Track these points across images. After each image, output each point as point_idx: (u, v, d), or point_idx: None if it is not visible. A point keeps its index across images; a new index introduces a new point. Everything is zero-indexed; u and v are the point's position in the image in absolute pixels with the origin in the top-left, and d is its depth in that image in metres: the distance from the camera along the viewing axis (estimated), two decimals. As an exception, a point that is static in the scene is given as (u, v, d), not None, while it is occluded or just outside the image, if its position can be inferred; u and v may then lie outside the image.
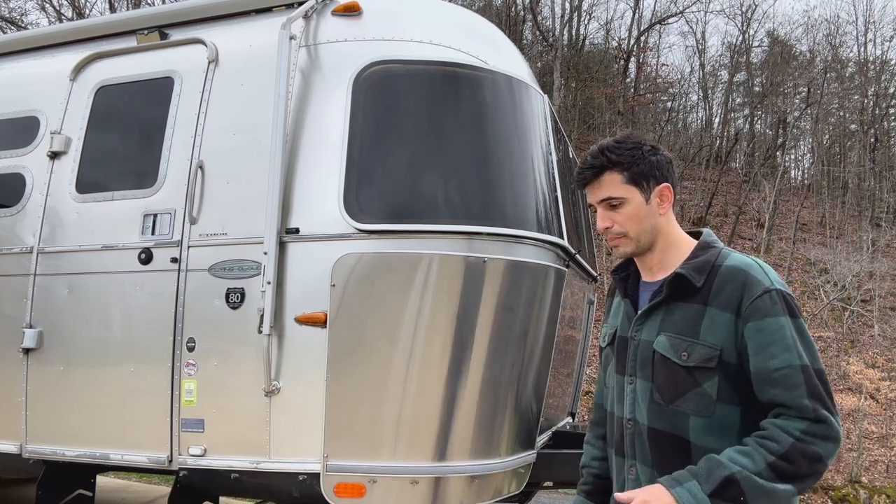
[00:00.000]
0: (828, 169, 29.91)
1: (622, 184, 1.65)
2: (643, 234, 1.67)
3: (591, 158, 1.68)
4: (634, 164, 1.65)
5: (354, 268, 3.10)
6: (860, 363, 19.13)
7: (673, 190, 1.70)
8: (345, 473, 3.03)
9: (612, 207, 1.66)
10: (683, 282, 1.60)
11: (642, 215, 1.66)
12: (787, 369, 1.48)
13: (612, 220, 1.67)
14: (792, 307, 1.55)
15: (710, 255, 1.63)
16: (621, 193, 1.65)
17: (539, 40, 28.00)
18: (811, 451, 1.43)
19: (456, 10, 4.11)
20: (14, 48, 4.23)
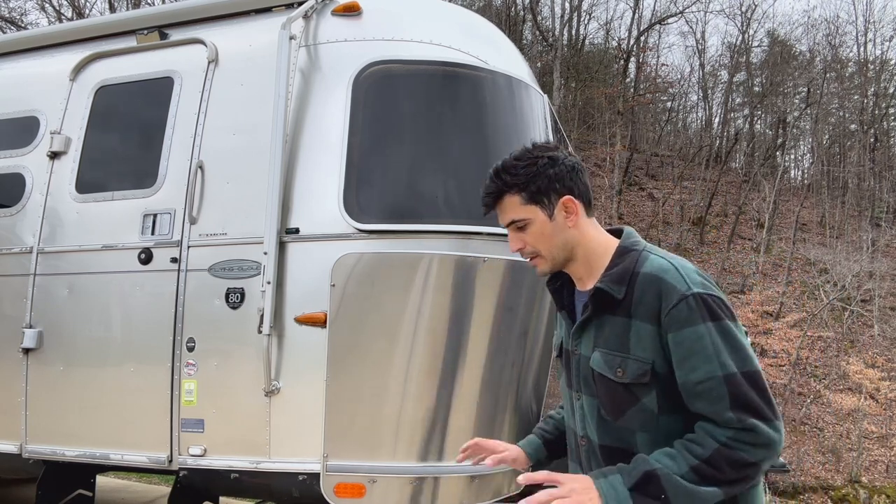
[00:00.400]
0: (828, 169, 29.93)
1: (522, 205, 1.59)
2: (555, 250, 1.61)
3: (488, 182, 1.62)
4: (531, 182, 1.58)
5: (354, 268, 3.10)
6: (860, 363, 19.13)
7: (581, 198, 1.61)
8: (345, 473, 3.03)
9: (520, 229, 1.61)
10: (605, 296, 1.53)
11: (549, 233, 1.60)
12: (709, 381, 1.42)
13: (522, 241, 1.62)
14: (713, 309, 1.46)
15: (628, 263, 1.55)
16: (523, 215, 1.59)
17: (539, 40, 28.02)
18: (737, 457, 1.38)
19: (456, 10, 4.11)
20: (14, 48, 4.23)
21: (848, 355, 19.79)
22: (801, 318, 20.49)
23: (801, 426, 17.67)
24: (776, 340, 19.68)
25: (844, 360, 19.48)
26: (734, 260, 23.88)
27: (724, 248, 24.22)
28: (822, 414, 18.14)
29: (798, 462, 15.90)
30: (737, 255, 24.29)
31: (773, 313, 20.94)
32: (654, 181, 28.23)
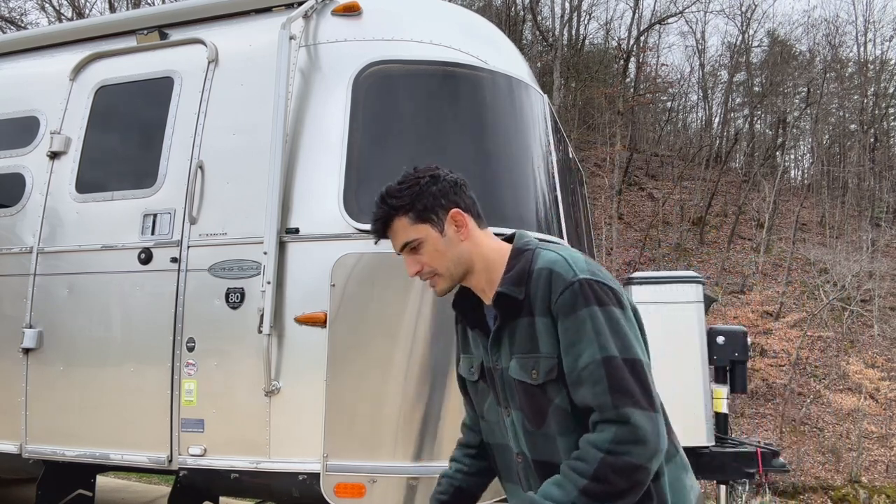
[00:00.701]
0: (827, 169, 29.93)
1: (411, 225, 1.60)
2: (452, 266, 1.61)
3: (375, 210, 1.63)
4: (416, 201, 1.59)
5: (354, 268, 3.10)
6: (860, 363, 19.13)
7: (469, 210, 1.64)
8: (345, 473, 3.03)
9: (414, 250, 1.62)
10: (507, 300, 1.53)
11: (442, 249, 1.60)
12: (591, 365, 1.40)
13: (418, 263, 1.62)
14: (599, 294, 1.45)
15: (523, 262, 1.56)
16: (414, 235, 1.60)
17: (539, 40, 28.02)
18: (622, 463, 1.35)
19: (456, 9, 4.11)
20: (14, 48, 4.23)
21: (848, 355, 19.79)
22: (801, 318, 20.49)
23: (801, 426, 17.68)
24: (776, 340, 19.68)
25: (844, 360, 19.48)
26: (734, 260, 23.88)
27: (724, 248, 24.22)
28: (822, 414, 18.14)
29: (798, 462, 15.90)
30: (737, 255, 24.29)
31: (773, 313, 20.94)
32: (654, 181, 28.23)
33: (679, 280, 3.94)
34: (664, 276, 4.05)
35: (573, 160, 4.82)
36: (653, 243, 23.86)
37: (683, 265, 22.19)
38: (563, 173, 3.79)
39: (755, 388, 17.73)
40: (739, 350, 3.99)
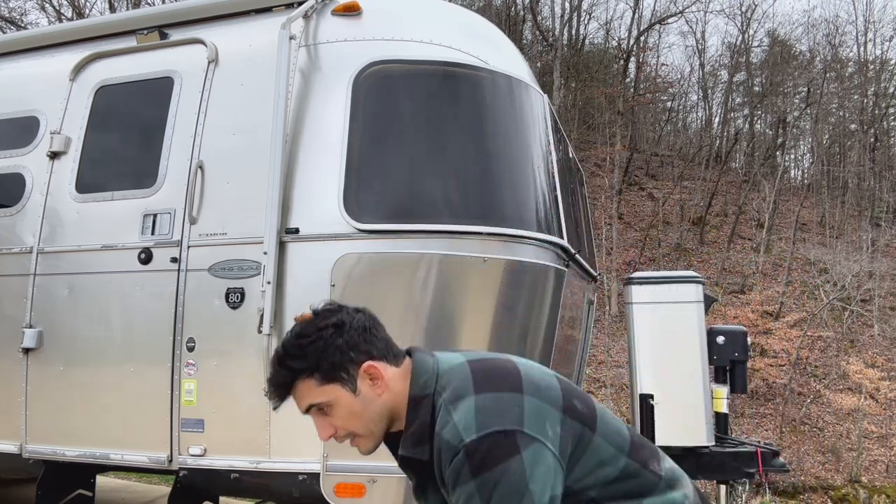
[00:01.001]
0: (827, 169, 29.93)
1: (318, 387, 1.39)
2: (372, 424, 1.41)
3: (273, 374, 1.41)
4: (322, 359, 1.38)
5: (354, 268, 3.10)
6: (860, 363, 19.12)
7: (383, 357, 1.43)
8: (345, 473, 3.03)
9: (322, 412, 1.41)
10: (413, 464, 1.39)
11: (358, 409, 1.40)
12: None
13: (331, 426, 1.42)
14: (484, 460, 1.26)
15: (423, 416, 1.37)
16: (323, 398, 1.39)
17: (539, 40, 28.02)
18: None
19: (456, 9, 4.11)
20: (14, 48, 4.23)
21: (848, 355, 19.79)
22: (801, 317, 20.49)
23: (801, 426, 17.67)
24: (776, 340, 19.68)
25: (844, 360, 19.47)
26: (734, 260, 23.87)
27: (724, 247, 24.22)
28: (822, 414, 18.14)
29: (798, 462, 15.90)
30: (737, 254, 24.28)
31: (773, 313, 20.94)
32: (654, 181, 28.22)
33: (679, 280, 3.94)
34: (664, 276, 4.06)
35: (573, 160, 4.82)
36: (653, 243, 23.86)
37: (683, 265, 22.19)
38: (563, 173, 3.79)
39: (755, 388, 17.73)
40: (739, 350, 3.99)
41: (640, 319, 3.89)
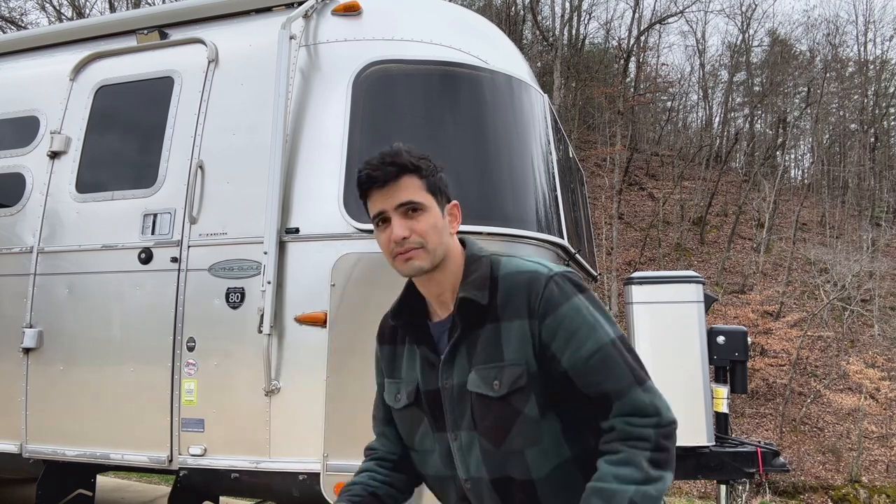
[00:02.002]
0: (828, 168, 29.93)
1: (422, 190, 1.47)
2: (439, 248, 1.47)
3: (388, 157, 1.49)
4: (431, 173, 1.51)
5: (354, 267, 3.10)
6: (860, 363, 19.12)
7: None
8: (345, 473, 3.03)
9: (414, 212, 1.45)
10: (470, 305, 1.45)
11: (439, 226, 1.47)
12: (600, 351, 1.37)
13: (410, 229, 1.44)
14: (579, 284, 1.44)
15: (483, 269, 1.48)
16: (422, 199, 1.46)
17: (539, 40, 28.01)
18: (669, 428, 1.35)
19: (456, 9, 4.11)
20: (14, 48, 4.23)
21: (848, 355, 19.79)
22: (801, 317, 20.48)
23: (801, 426, 17.68)
24: (776, 340, 19.67)
25: (844, 360, 19.47)
26: (734, 260, 23.88)
27: (725, 247, 24.22)
28: (822, 414, 18.14)
29: (798, 462, 15.90)
30: (737, 254, 24.28)
31: (773, 313, 20.94)
32: (655, 181, 28.22)
33: (679, 280, 3.93)
34: (664, 276, 4.05)
35: (573, 160, 4.82)
36: (653, 243, 23.86)
37: (683, 265, 22.19)
38: (563, 173, 3.79)
39: (755, 388, 17.73)
40: (740, 350, 3.99)
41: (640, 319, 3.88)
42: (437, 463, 1.55)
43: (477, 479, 1.48)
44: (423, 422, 1.56)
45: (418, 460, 1.61)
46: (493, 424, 1.43)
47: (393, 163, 1.48)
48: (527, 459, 1.42)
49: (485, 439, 1.45)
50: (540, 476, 1.42)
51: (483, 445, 1.45)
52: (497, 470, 1.45)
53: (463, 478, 1.50)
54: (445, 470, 1.54)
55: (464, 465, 1.49)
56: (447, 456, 1.52)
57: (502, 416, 1.42)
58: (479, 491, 1.49)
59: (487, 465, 1.45)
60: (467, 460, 1.48)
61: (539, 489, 1.43)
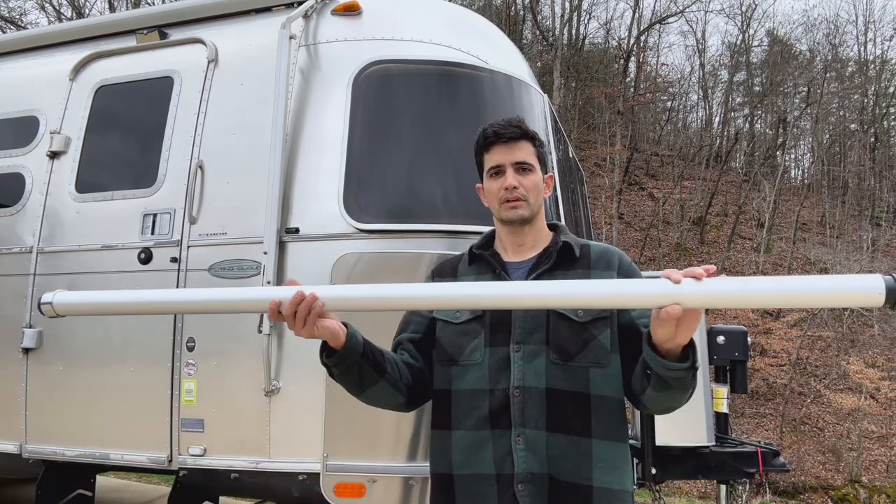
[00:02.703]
0: (828, 168, 29.92)
1: (533, 155, 1.81)
2: (536, 205, 1.80)
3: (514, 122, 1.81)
4: (540, 145, 1.84)
5: (354, 267, 3.09)
6: (860, 363, 19.12)
7: None
8: (345, 473, 3.03)
9: (524, 171, 1.78)
10: (570, 250, 1.78)
11: (540, 188, 1.81)
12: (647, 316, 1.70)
13: (519, 182, 1.78)
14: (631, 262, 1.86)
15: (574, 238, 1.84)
16: (533, 162, 1.80)
17: (539, 40, 28.00)
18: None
19: (456, 9, 4.11)
20: (14, 48, 4.23)
21: (848, 355, 19.79)
22: (801, 317, 20.49)
23: (801, 426, 17.67)
24: (776, 340, 19.68)
25: (844, 360, 19.48)
26: (734, 259, 23.87)
27: (725, 247, 24.22)
28: (822, 414, 18.14)
29: (798, 462, 15.90)
30: (737, 254, 24.28)
31: (774, 313, 20.94)
32: (655, 181, 28.22)
33: (679, 280, 3.93)
34: (664, 276, 4.04)
35: (573, 160, 4.81)
36: (653, 243, 23.86)
37: (683, 265, 22.12)
38: (563, 173, 3.79)
39: (755, 388, 17.73)
40: (740, 350, 3.98)
41: (640, 319, 3.88)
42: (482, 374, 1.71)
43: (530, 388, 1.66)
44: (478, 336, 1.74)
45: (458, 374, 1.75)
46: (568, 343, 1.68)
47: (518, 126, 1.80)
48: (590, 376, 1.67)
49: (555, 353, 1.68)
50: (597, 393, 1.66)
51: (550, 358, 1.68)
52: (559, 381, 1.66)
53: (515, 385, 1.67)
54: (486, 384, 1.70)
55: (521, 373, 1.68)
56: (498, 366, 1.70)
57: (579, 338, 1.68)
58: (527, 398, 1.66)
59: (549, 376, 1.67)
60: (524, 371, 1.68)
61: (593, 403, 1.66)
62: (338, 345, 1.68)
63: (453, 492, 1.71)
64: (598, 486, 1.62)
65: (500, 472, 1.64)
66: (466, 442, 1.70)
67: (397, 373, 1.75)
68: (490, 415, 1.68)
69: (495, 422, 1.67)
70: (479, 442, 1.68)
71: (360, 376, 1.71)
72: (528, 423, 1.64)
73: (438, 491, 1.76)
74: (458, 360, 1.75)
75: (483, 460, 1.67)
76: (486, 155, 1.83)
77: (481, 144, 1.84)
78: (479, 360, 1.72)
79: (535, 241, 1.82)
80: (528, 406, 1.65)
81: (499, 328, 1.72)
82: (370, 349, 1.73)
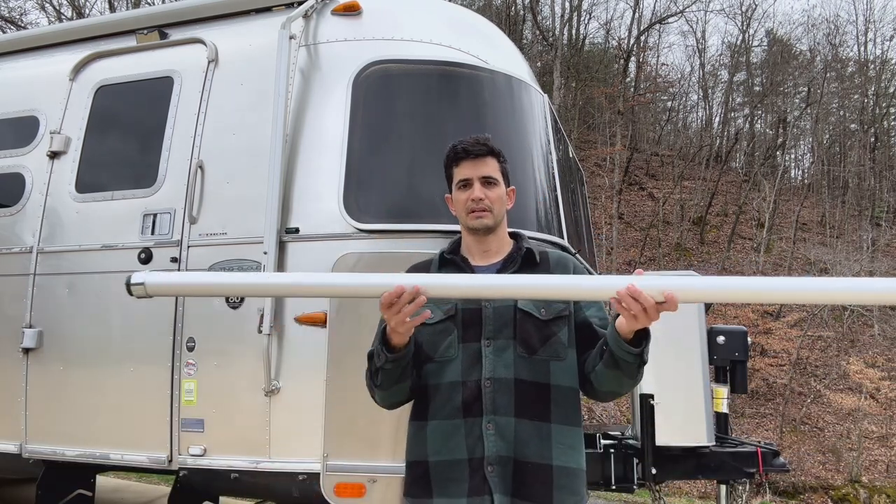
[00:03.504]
0: (828, 168, 29.91)
1: (497, 170, 1.98)
2: (499, 216, 1.98)
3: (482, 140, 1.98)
4: (504, 161, 2.02)
5: (354, 267, 3.09)
6: (860, 363, 19.12)
7: None
8: (345, 473, 3.03)
9: (489, 185, 1.95)
10: (532, 256, 1.98)
11: (503, 200, 1.99)
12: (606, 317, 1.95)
13: (486, 195, 1.94)
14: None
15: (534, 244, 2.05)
16: (497, 177, 1.97)
17: (539, 40, 28.00)
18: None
19: (456, 9, 4.11)
20: (14, 48, 4.23)
21: (848, 355, 19.79)
22: (801, 317, 20.49)
23: (801, 426, 17.67)
24: (776, 340, 19.68)
25: (844, 360, 19.47)
26: (734, 259, 23.87)
27: (725, 247, 24.22)
28: (822, 414, 18.13)
29: (798, 462, 15.89)
30: (737, 254, 24.28)
31: (774, 313, 20.94)
32: (655, 181, 28.22)
33: (679, 280, 3.93)
34: (664, 276, 4.04)
35: (573, 160, 4.81)
36: (653, 243, 23.85)
37: (684, 265, 22.18)
38: (563, 173, 3.79)
39: (755, 388, 17.72)
40: (740, 350, 3.99)
41: (640, 319, 3.87)
42: (456, 369, 1.88)
43: (500, 379, 1.85)
44: (451, 333, 1.92)
45: (434, 371, 1.91)
46: (532, 337, 1.88)
47: (485, 144, 1.98)
48: (550, 368, 1.87)
49: (521, 347, 1.87)
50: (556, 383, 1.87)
51: (518, 352, 1.87)
52: (524, 373, 1.86)
53: (486, 377, 1.86)
54: (460, 376, 1.88)
55: (492, 366, 1.86)
56: (470, 361, 1.88)
57: (542, 334, 1.88)
58: (497, 388, 1.85)
59: (517, 368, 1.86)
60: (496, 363, 1.86)
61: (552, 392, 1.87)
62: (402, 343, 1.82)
63: (428, 478, 1.88)
64: (557, 464, 1.83)
65: (472, 457, 1.82)
66: (441, 430, 1.88)
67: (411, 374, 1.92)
68: (463, 404, 1.86)
69: (467, 410, 1.85)
70: (453, 430, 1.86)
71: (401, 375, 1.89)
72: (499, 411, 1.83)
73: (414, 479, 1.93)
74: (433, 358, 1.92)
75: (456, 446, 1.85)
76: (455, 168, 1.99)
77: (451, 159, 2.00)
78: (453, 355, 1.90)
79: (499, 247, 2.01)
80: (498, 395, 1.84)
81: (470, 326, 1.91)
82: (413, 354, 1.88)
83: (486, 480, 1.80)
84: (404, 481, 1.97)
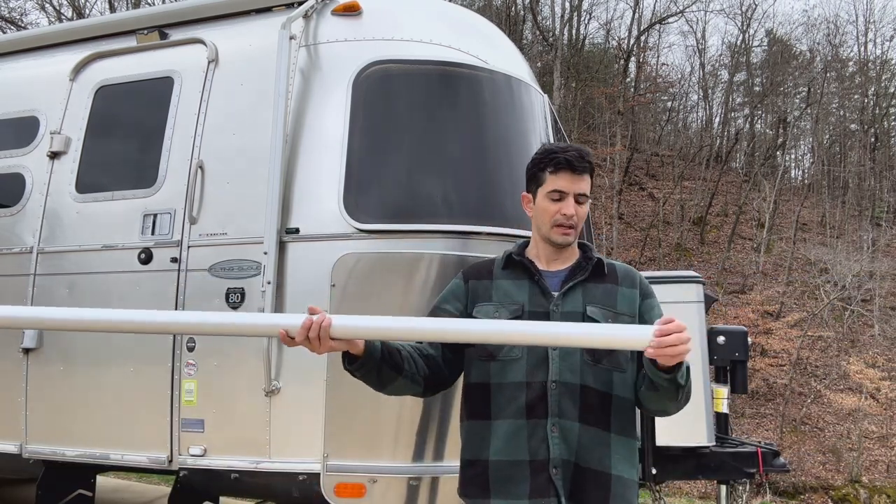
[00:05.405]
0: (828, 169, 29.92)
1: (589, 188, 1.98)
2: (579, 232, 2.00)
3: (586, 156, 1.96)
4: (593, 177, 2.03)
5: (354, 267, 3.10)
6: (860, 363, 19.12)
7: None
8: (345, 473, 3.03)
9: (580, 203, 1.96)
10: (601, 266, 2.00)
11: (586, 218, 2.01)
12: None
13: (576, 212, 1.95)
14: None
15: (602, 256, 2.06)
16: (589, 195, 1.99)
17: (539, 40, 28.01)
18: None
19: (456, 9, 4.11)
20: (14, 48, 4.23)
21: (848, 355, 19.79)
22: (801, 317, 20.49)
23: (802, 426, 17.67)
24: (776, 340, 19.68)
25: (845, 360, 19.48)
26: (734, 260, 23.87)
27: (725, 247, 24.22)
28: (822, 414, 18.14)
29: (798, 462, 15.90)
30: (737, 254, 24.28)
31: (774, 313, 20.94)
32: (655, 181, 28.22)
33: (679, 280, 3.93)
34: (664, 276, 4.04)
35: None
36: (653, 243, 23.86)
37: (684, 265, 22.19)
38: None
39: (755, 388, 17.73)
40: (740, 350, 3.98)
41: (640, 319, 3.87)
42: (521, 369, 1.90)
43: (566, 383, 1.87)
44: None
45: (496, 370, 1.92)
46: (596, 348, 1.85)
47: (588, 161, 1.96)
48: (613, 378, 1.89)
49: (587, 354, 1.88)
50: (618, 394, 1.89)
51: (584, 357, 1.88)
52: (590, 379, 1.87)
53: (552, 380, 1.87)
54: (525, 377, 1.89)
55: (558, 369, 1.87)
56: (536, 362, 1.88)
57: None
58: (563, 393, 1.86)
59: (583, 373, 1.87)
60: (563, 366, 1.87)
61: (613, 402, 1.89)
62: (357, 352, 1.84)
63: (486, 477, 1.88)
64: (615, 473, 1.85)
65: (534, 458, 1.83)
66: (504, 430, 1.88)
67: (414, 367, 1.93)
68: (527, 405, 1.87)
69: (531, 412, 1.86)
70: (516, 430, 1.87)
71: (379, 377, 1.90)
72: (564, 415, 1.85)
73: (471, 478, 1.92)
74: (496, 357, 1.92)
75: (518, 446, 1.86)
76: (550, 176, 1.94)
77: (549, 164, 1.95)
78: (518, 355, 1.90)
79: (567, 257, 2.01)
80: (563, 399, 1.85)
81: None
82: (388, 352, 1.88)
83: (550, 482, 1.82)
84: (459, 480, 1.97)
